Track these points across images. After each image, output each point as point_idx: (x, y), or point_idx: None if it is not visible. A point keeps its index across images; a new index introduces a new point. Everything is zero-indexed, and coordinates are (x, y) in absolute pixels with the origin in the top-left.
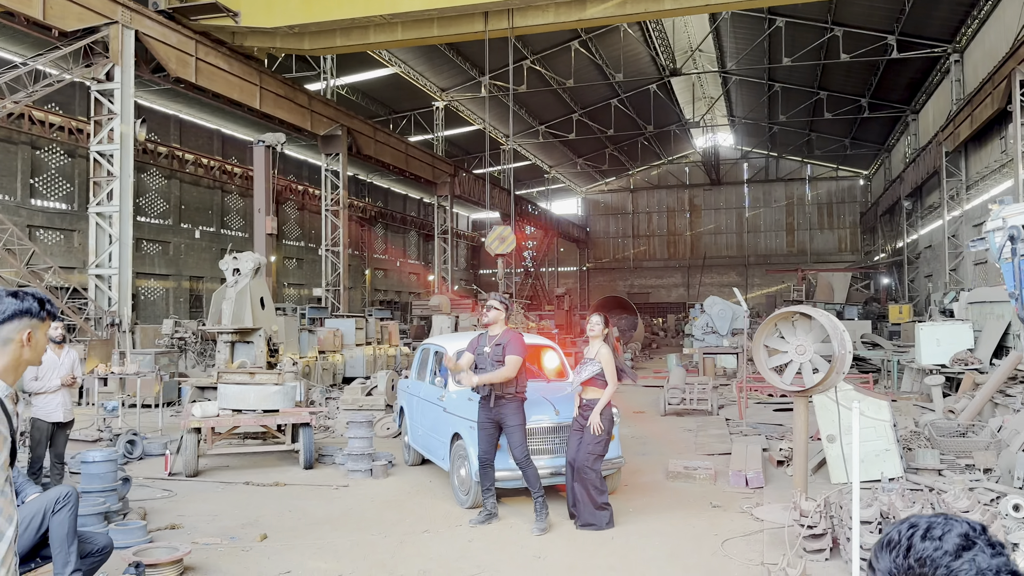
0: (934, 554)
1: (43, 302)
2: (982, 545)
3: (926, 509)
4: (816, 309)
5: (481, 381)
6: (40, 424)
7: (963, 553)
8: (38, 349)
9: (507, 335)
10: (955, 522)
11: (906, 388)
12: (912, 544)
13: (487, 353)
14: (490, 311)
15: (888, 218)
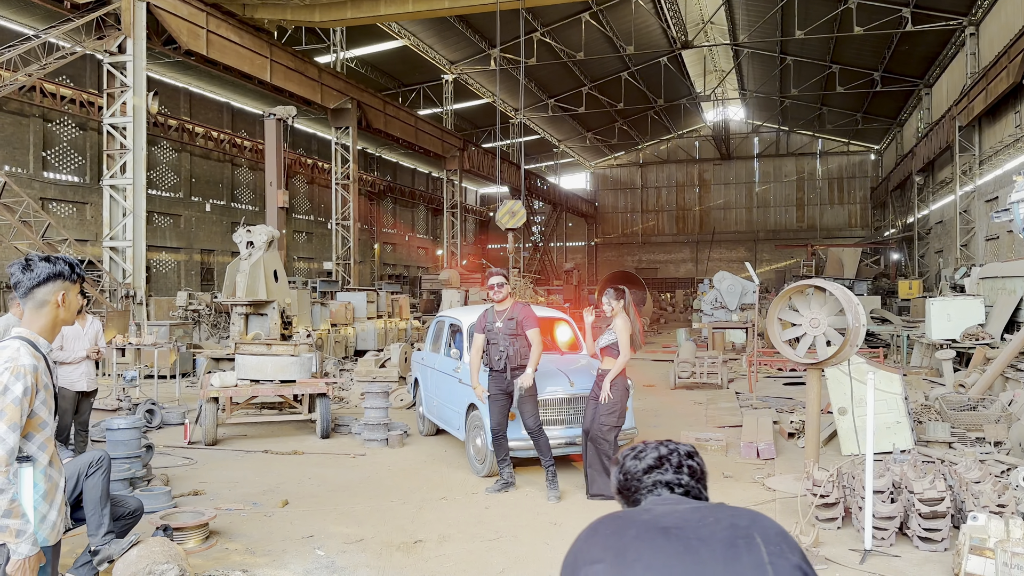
0: (633, 470)
1: (73, 266)
2: (668, 465)
3: (938, 480)
4: (830, 283)
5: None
6: (65, 393)
7: (652, 471)
8: (71, 309)
9: (516, 308)
10: (659, 447)
11: (916, 363)
12: (625, 463)
13: (499, 328)
14: (502, 288)
15: (899, 193)
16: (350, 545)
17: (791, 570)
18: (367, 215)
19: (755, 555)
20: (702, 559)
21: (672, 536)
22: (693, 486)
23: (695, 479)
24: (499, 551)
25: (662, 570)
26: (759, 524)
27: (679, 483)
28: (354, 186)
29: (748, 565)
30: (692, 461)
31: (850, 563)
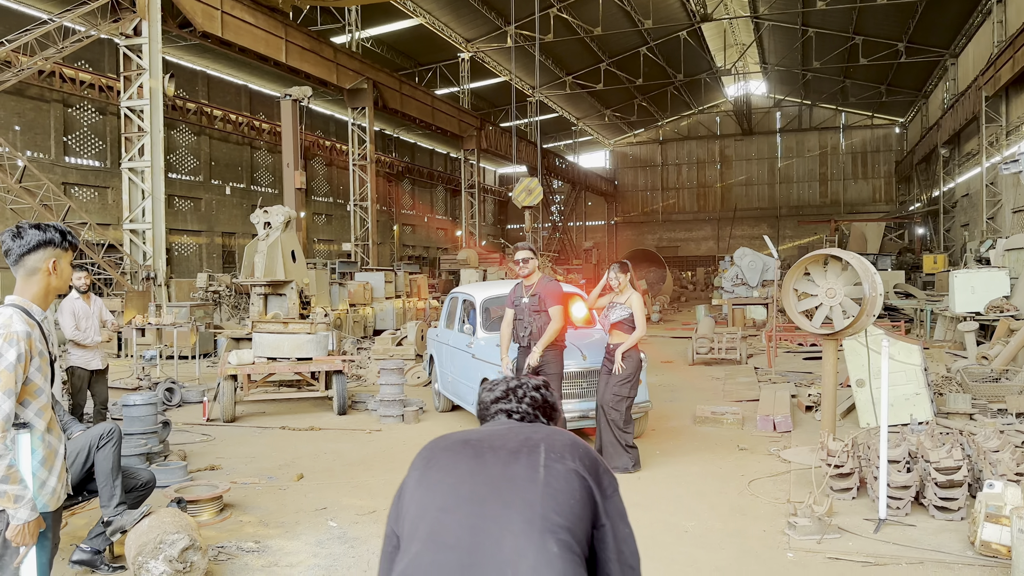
0: (485, 400)
1: (64, 233)
2: (513, 397)
3: (955, 449)
4: (847, 252)
5: (541, 350)
6: (80, 372)
7: (499, 401)
8: (64, 277)
9: (542, 285)
10: (510, 382)
11: (939, 337)
12: (481, 394)
13: (525, 304)
14: (528, 263)
15: (924, 167)
16: (362, 516)
17: (566, 473)
18: (386, 196)
19: (533, 459)
20: (485, 462)
21: (470, 446)
22: (529, 413)
23: (535, 408)
24: None
25: (450, 471)
26: (553, 438)
27: (517, 411)
28: (371, 167)
29: (523, 466)
30: (537, 393)
31: (864, 532)
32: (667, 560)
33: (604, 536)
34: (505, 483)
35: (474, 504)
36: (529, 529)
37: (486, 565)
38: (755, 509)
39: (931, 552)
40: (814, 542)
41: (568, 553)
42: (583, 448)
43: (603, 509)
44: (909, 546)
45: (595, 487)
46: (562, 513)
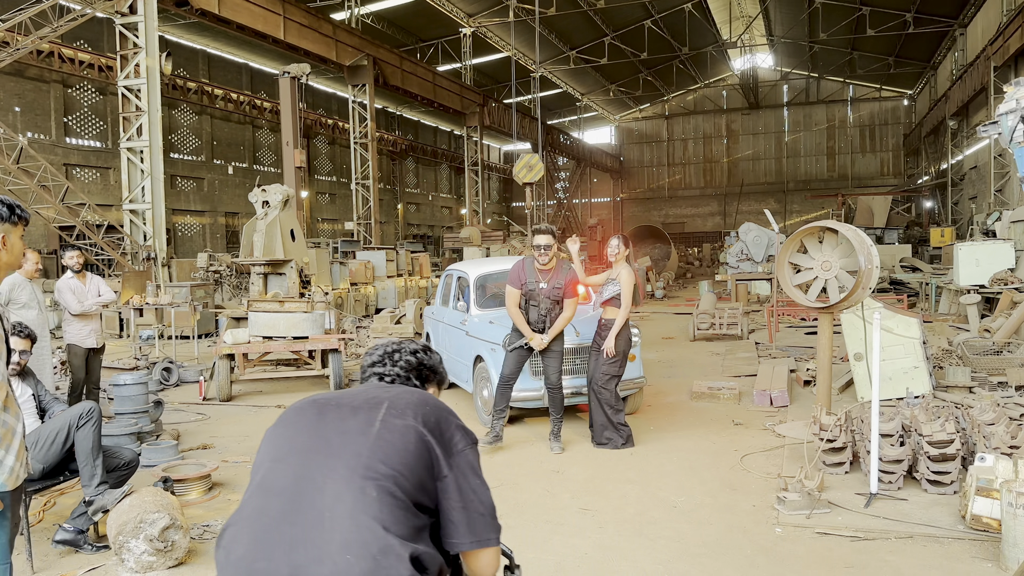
0: (364, 363)
1: (12, 207)
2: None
3: (949, 422)
4: (842, 224)
5: (551, 336)
6: (77, 350)
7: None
8: (15, 252)
9: (564, 274)
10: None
11: (944, 310)
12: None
13: (543, 290)
14: (548, 250)
15: (932, 139)
16: None
17: (402, 428)
18: (389, 175)
19: (371, 415)
20: (325, 419)
21: (317, 404)
22: (400, 376)
23: (407, 371)
24: (498, 498)
25: (290, 425)
26: (401, 397)
27: (388, 373)
28: (372, 144)
29: (360, 421)
30: (412, 357)
31: (854, 507)
32: (653, 536)
33: (446, 487)
34: (337, 436)
35: (304, 455)
36: (351, 476)
37: (307, 510)
38: (746, 484)
39: (921, 526)
40: (803, 517)
41: (387, 497)
42: (431, 407)
43: (444, 462)
44: (899, 520)
45: (435, 442)
46: (389, 463)
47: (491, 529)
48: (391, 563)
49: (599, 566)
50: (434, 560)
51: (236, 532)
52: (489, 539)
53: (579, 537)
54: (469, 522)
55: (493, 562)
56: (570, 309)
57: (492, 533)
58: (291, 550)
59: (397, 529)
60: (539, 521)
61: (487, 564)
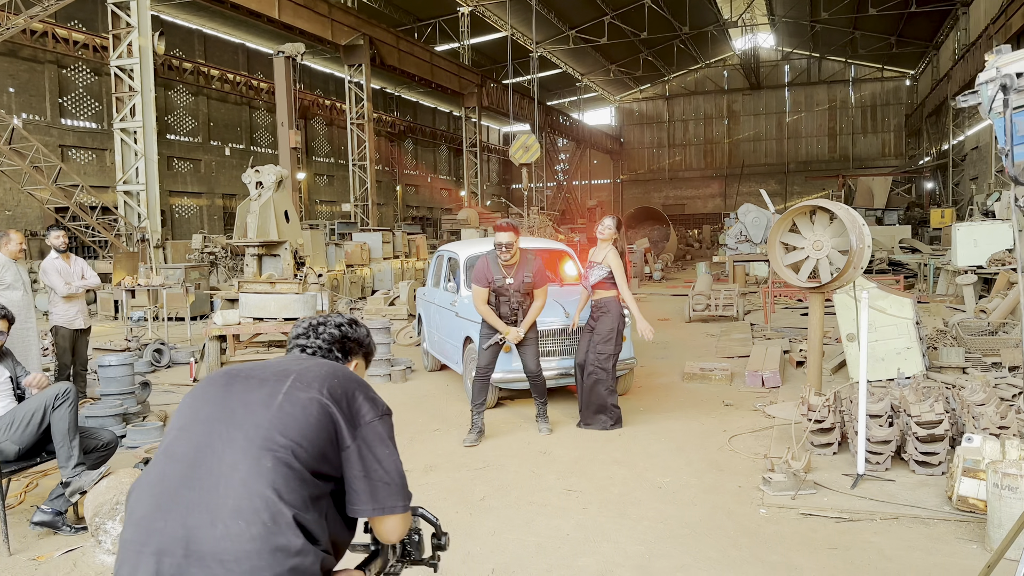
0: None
1: None
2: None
3: (937, 403)
4: (834, 203)
5: (527, 325)
6: (63, 331)
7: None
8: None
9: (531, 265)
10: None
11: (941, 291)
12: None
13: (510, 285)
14: (511, 247)
15: (934, 120)
16: None
17: (306, 400)
18: (388, 157)
19: (277, 386)
20: (232, 390)
21: (229, 376)
22: (322, 348)
23: (331, 343)
24: (483, 480)
25: (199, 396)
26: (311, 370)
27: (310, 346)
28: (369, 125)
29: (264, 393)
30: (336, 330)
31: (840, 487)
32: (637, 516)
33: (349, 456)
34: (241, 407)
35: (206, 424)
36: (248, 446)
37: (204, 477)
38: (733, 465)
39: (907, 507)
40: (788, 498)
41: (283, 467)
42: (340, 379)
43: (348, 433)
44: (885, 501)
45: (339, 413)
46: (287, 434)
47: (397, 497)
48: (281, 529)
49: (580, 547)
50: (322, 530)
51: (139, 494)
52: (395, 507)
53: (562, 518)
54: (372, 490)
55: (398, 528)
56: (541, 299)
57: (398, 501)
58: (187, 513)
59: (290, 498)
60: (523, 502)
61: (391, 529)
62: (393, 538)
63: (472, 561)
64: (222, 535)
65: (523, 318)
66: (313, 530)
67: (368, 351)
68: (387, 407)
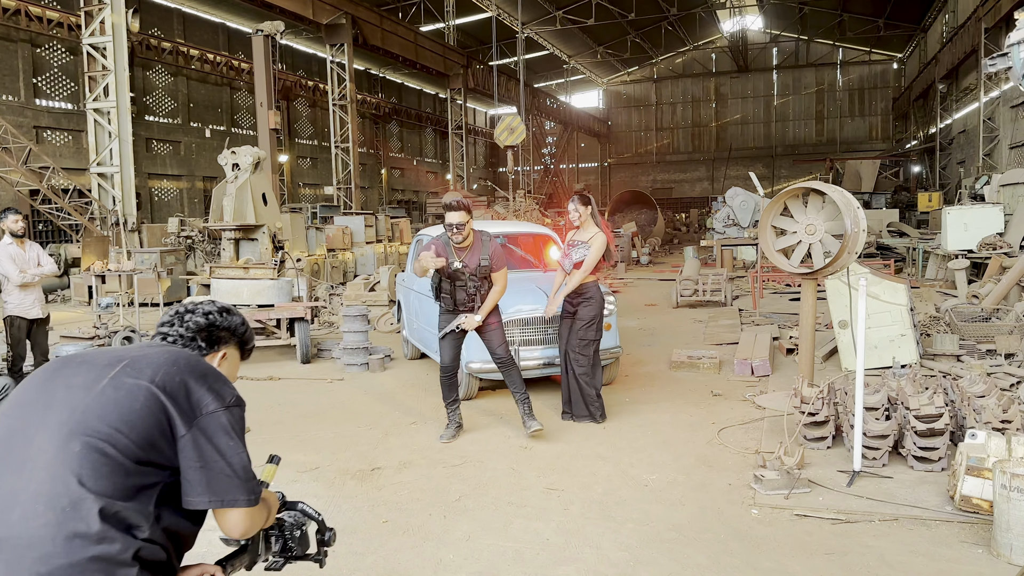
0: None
1: None
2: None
3: (937, 395)
4: (828, 185)
5: (484, 315)
6: (19, 322)
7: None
8: None
9: (485, 246)
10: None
11: (931, 275)
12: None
13: (466, 268)
14: (463, 228)
15: (921, 103)
16: (304, 474)
17: (133, 386)
18: (373, 139)
19: (104, 372)
20: (60, 375)
21: (63, 362)
22: (183, 336)
23: (195, 331)
24: (460, 477)
25: (28, 382)
26: (147, 357)
27: (171, 334)
28: (352, 107)
29: (90, 378)
30: (203, 318)
31: (836, 485)
32: (621, 518)
33: (184, 446)
34: (63, 391)
35: (24, 408)
36: (59, 430)
37: (11, 459)
38: (723, 460)
39: (907, 507)
40: (781, 497)
41: (94, 454)
42: (180, 367)
43: (181, 422)
44: (884, 500)
45: (171, 402)
46: (106, 420)
47: (238, 490)
48: (79, 516)
49: (561, 553)
50: (145, 519)
51: None
52: (236, 500)
53: (542, 520)
54: (209, 481)
55: (242, 522)
56: (500, 283)
57: (240, 494)
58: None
59: (97, 485)
60: (501, 503)
61: (235, 524)
62: (236, 533)
63: (444, 570)
64: (19, 519)
65: (481, 304)
66: (131, 519)
67: (242, 340)
68: (236, 398)
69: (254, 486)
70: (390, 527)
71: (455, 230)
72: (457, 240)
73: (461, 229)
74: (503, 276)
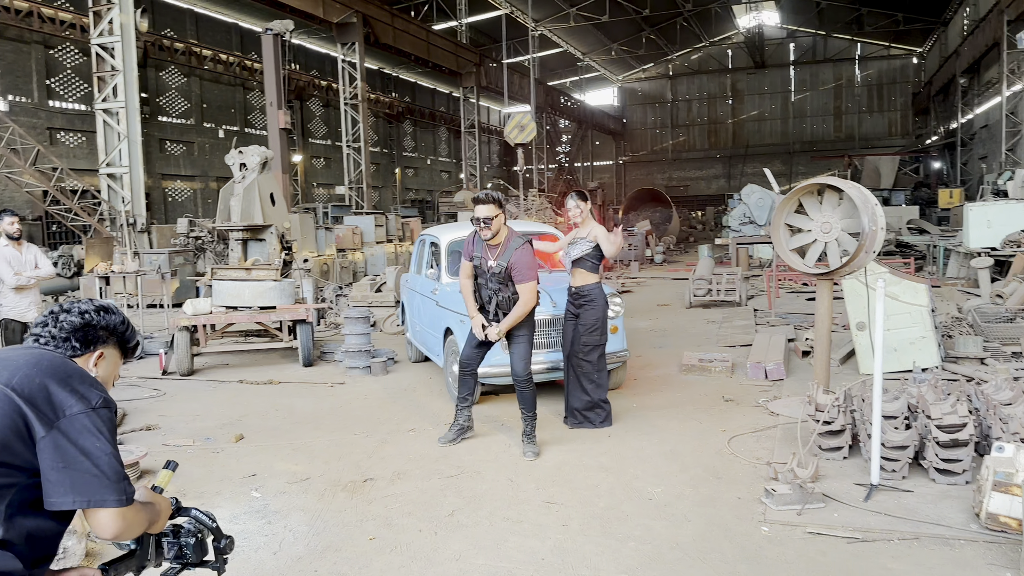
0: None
1: None
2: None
3: (960, 403)
4: (845, 181)
5: (506, 327)
6: (14, 325)
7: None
8: None
9: (514, 253)
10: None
11: (952, 274)
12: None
13: (491, 268)
14: (491, 223)
15: (942, 98)
16: (293, 485)
17: None
18: (386, 139)
19: None
20: None
21: None
22: (56, 337)
23: (70, 332)
24: (455, 489)
25: None
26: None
27: (43, 335)
28: (363, 106)
29: None
30: (79, 317)
31: (852, 500)
32: (622, 536)
33: (43, 448)
34: None
35: None
36: None
37: None
38: (732, 472)
39: (928, 525)
40: (794, 513)
41: None
42: (40, 369)
43: (39, 424)
44: (903, 517)
45: (26, 404)
46: None
47: (107, 490)
48: None
49: (556, 575)
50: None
51: None
52: (104, 500)
53: (538, 538)
54: (73, 481)
55: (113, 523)
56: (525, 296)
57: (108, 494)
58: None
59: None
60: (496, 518)
61: (106, 525)
62: (108, 534)
63: None
64: None
65: (507, 307)
66: None
67: (122, 339)
68: (103, 400)
69: (125, 487)
70: (377, 545)
71: (482, 225)
72: (486, 236)
73: (489, 224)
74: (529, 290)
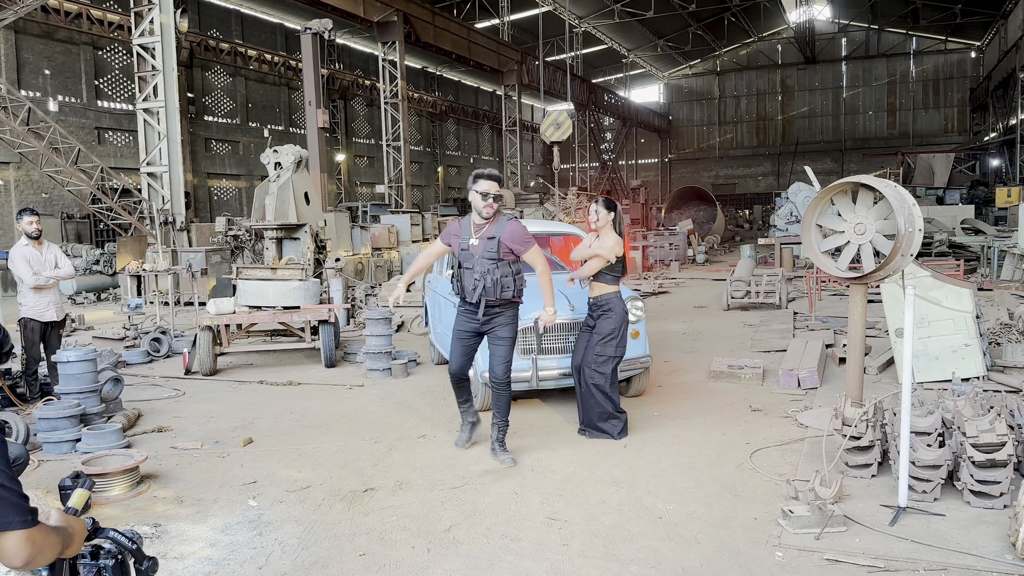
0: None
1: None
2: None
3: (1002, 416)
4: (880, 179)
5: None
6: (33, 324)
7: None
8: None
9: (503, 227)
10: None
11: (1006, 277)
12: None
13: (474, 247)
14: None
15: (1001, 93)
16: (292, 494)
17: None
18: (430, 137)
19: None
20: None
21: None
22: None
23: None
24: (456, 502)
25: None
26: None
27: None
28: (403, 104)
29: None
30: None
31: (876, 524)
32: (624, 558)
33: None
34: None
35: None
36: None
37: None
38: (752, 488)
39: (959, 554)
40: (812, 537)
41: None
42: None
43: None
44: (931, 545)
45: None
46: None
47: (9, 512)
48: None
49: None
50: None
51: None
52: (10, 522)
53: (535, 558)
54: None
55: (23, 548)
56: (539, 262)
57: (11, 516)
58: None
59: None
60: (494, 535)
61: (15, 550)
62: (17, 562)
63: None
64: None
65: (495, 293)
66: None
67: None
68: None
69: (26, 507)
70: (366, 562)
71: (492, 201)
72: (488, 214)
73: (493, 199)
74: (536, 254)
